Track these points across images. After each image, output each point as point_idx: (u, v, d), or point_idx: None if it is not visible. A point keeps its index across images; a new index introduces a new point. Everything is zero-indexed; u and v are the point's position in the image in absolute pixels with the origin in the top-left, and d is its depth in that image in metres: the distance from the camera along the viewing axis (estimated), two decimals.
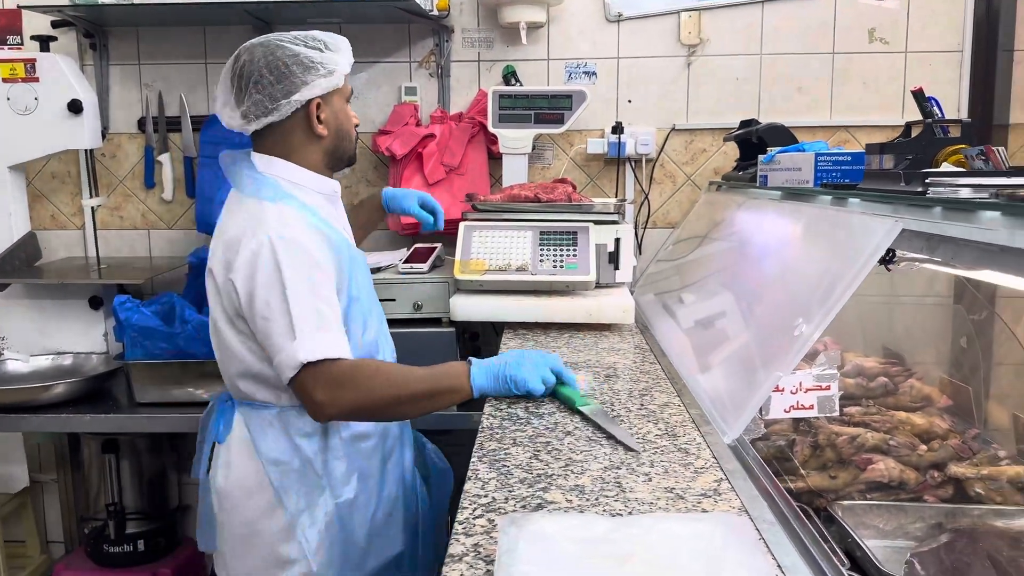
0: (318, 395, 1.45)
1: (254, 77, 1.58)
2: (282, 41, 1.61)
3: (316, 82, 1.61)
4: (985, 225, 1.08)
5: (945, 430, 1.81)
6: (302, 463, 1.61)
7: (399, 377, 1.51)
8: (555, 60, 2.95)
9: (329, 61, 1.62)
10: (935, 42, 2.87)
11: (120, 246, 3.11)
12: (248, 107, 1.60)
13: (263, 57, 1.59)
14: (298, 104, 1.61)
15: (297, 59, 1.59)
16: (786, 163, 1.93)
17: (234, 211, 1.62)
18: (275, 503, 1.61)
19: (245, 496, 1.63)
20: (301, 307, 1.45)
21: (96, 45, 2.98)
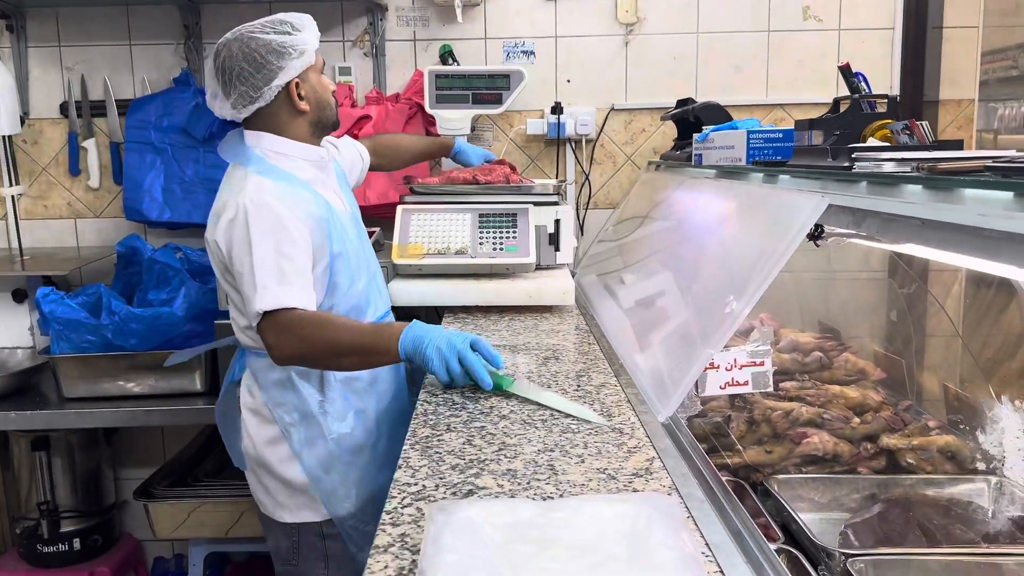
0: (269, 339, 1.61)
1: (235, 70, 1.71)
2: (253, 32, 1.73)
3: (291, 65, 1.73)
4: (907, 199, 1.08)
5: (878, 402, 1.84)
6: (301, 402, 1.76)
7: (339, 332, 1.63)
8: (492, 39, 2.91)
9: (299, 42, 1.74)
10: (867, 19, 2.91)
11: (46, 236, 3.00)
12: (235, 98, 1.74)
13: (240, 51, 1.71)
14: (279, 88, 1.74)
15: (270, 47, 1.71)
16: (720, 141, 1.94)
17: (225, 184, 1.78)
18: (280, 436, 1.77)
19: (256, 429, 1.80)
20: (264, 264, 1.61)
21: (13, 27, 2.85)
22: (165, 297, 2.38)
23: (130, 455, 3.11)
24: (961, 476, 1.61)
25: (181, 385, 2.39)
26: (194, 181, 2.79)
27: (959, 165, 1.01)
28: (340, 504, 1.77)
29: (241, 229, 1.64)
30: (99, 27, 2.89)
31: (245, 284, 1.63)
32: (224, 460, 2.78)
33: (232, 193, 1.70)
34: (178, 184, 2.80)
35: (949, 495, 1.59)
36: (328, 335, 1.61)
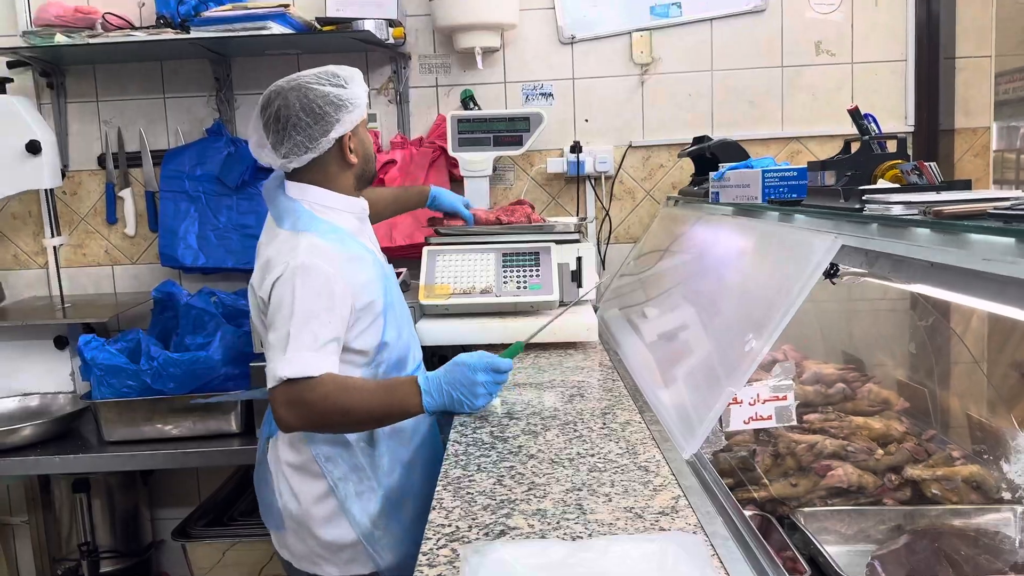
0: (279, 409, 1.60)
1: (292, 120, 1.71)
2: (311, 83, 1.74)
3: (347, 118, 1.75)
4: (916, 242, 1.13)
5: (902, 433, 1.86)
6: (351, 456, 1.76)
7: (346, 403, 1.62)
8: (512, 83, 3.00)
9: (354, 96, 1.76)
10: (879, 52, 2.96)
11: (85, 283, 3.10)
12: (288, 148, 1.74)
13: (297, 100, 1.71)
14: (334, 140, 1.75)
15: (328, 99, 1.73)
16: (736, 180, 1.99)
17: (271, 238, 1.76)
18: (328, 491, 1.75)
19: (301, 485, 1.77)
20: (299, 327, 1.59)
21: (53, 84, 2.98)
22: (201, 341, 2.46)
23: (167, 496, 3.18)
24: (987, 506, 1.62)
25: (217, 427, 2.45)
26: (227, 227, 2.89)
27: (962, 209, 1.05)
28: (388, 554, 1.77)
29: (286, 290, 1.62)
30: (134, 82, 3.02)
31: (274, 342, 1.61)
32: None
33: (281, 252, 1.67)
34: (212, 231, 2.90)
35: (976, 525, 1.60)
36: (339, 405, 1.61)
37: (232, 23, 2.55)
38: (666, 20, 2.95)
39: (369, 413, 1.66)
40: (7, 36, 2.93)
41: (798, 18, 2.95)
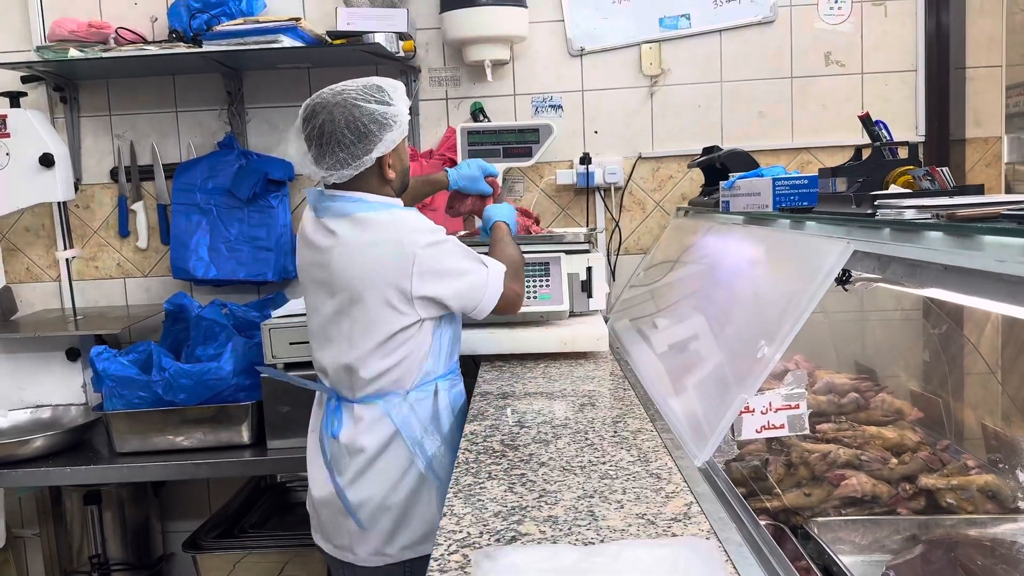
0: (518, 287, 1.93)
1: (336, 136, 1.75)
2: (357, 100, 1.76)
3: (389, 137, 1.78)
4: (929, 245, 1.12)
5: (916, 442, 1.84)
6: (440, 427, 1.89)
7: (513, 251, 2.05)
8: (521, 95, 3.01)
9: (398, 113, 1.80)
10: (889, 63, 2.96)
11: (96, 296, 3.12)
12: (330, 163, 1.77)
13: (343, 117, 1.74)
14: (375, 159, 1.79)
15: (373, 117, 1.76)
16: (746, 188, 1.99)
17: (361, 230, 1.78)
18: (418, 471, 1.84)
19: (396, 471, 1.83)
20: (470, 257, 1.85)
21: (66, 98, 3.01)
22: (212, 352, 2.46)
23: (177, 508, 3.18)
24: (1003, 516, 1.60)
25: (229, 438, 2.45)
26: (239, 240, 2.91)
27: (976, 212, 1.05)
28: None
29: (443, 251, 1.78)
30: (147, 96, 3.04)
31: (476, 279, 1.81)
32: (269, 511, 2.84)
33: (399, 231, 1.77)
34: (223, 243, 2.91)
35: (992, 535, 1.59)
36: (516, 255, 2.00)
37: (244, 37, 2.58)
38: (675, 32, 2.96)
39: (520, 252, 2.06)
40: (21, 51, 2.96)
41: (807, 29, 2.95)
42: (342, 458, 1.84)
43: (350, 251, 1.78)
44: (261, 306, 2.85)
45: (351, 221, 1.79)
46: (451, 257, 1.81)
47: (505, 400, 1.90)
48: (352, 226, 1.79)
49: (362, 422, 1.83)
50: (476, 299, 1.84)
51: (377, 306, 1.76)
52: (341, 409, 1.87)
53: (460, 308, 1.86)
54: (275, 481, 2.98)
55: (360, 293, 1.77)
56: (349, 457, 1.84)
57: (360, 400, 1.84)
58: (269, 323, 2.35)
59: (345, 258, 1.78)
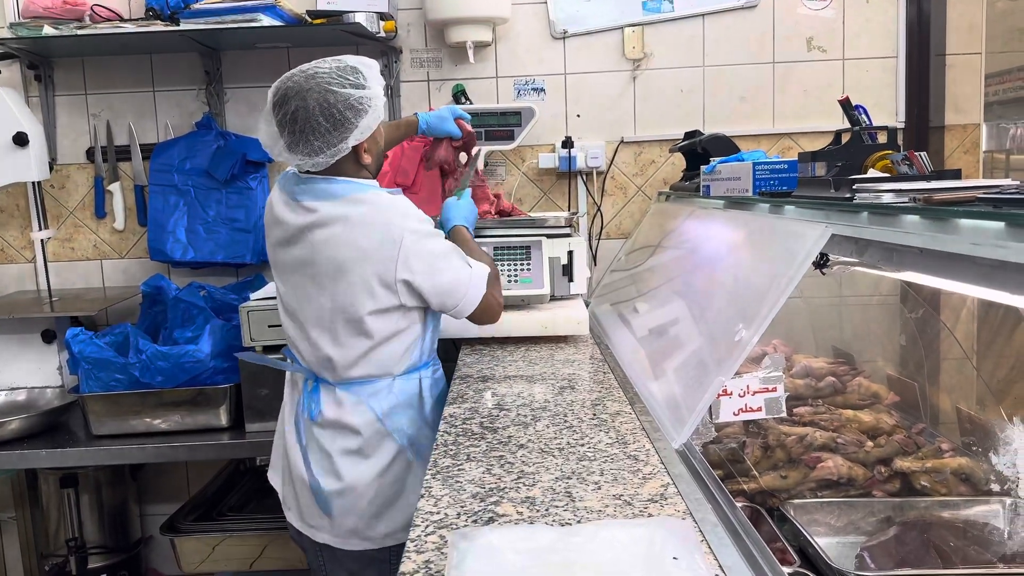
0: (496, 298, 1.86)
1: (311, 124, 1.66)
2: (331, 85, 1.67)
3: (365, 123, 1.71)
4: (906, 229, 1.13)
5: (891, 426, 1.86)
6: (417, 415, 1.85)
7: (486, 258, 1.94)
8: (504, 78, 2.99)
9: (373, 96, 1.71)
10: (870, 49, 2.97)
11: (73, 278, 3.08)
12: (306, 151, 1.70)
13: (317, 103, 1.65)
14: (352, 144, 1.72)
15: (348, 103, 1.67)
16: (727, 173, 1.99)
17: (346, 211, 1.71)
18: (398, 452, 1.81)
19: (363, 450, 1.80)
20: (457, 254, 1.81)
21: (41, 76, 2.96)
22: (190, 335, 2.44)
23: (155, 491, 3.16)
24: (976, 498, 1.63)
25: (206, 421, 2.44)
26: (217, 221, 2.88)
27: (953, 196, 1.05)
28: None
29: (431, 243, 1.74)
30: (123, 75, 3.00)
31: (461, 277, 1.76)
32: (248, 494, 2.83)
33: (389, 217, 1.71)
34: (201, 224, 2.88)
35: (965, 517, 1.61)
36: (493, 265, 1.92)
37: (222, 15, 2.54)
38: (658, 15, 2.95)
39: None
40: None
41: (789, 14, 2.96)
42: (321, 441, 1.81)
43: (333, 231, 1.71)
44: (239, 288, 2.83)
45: (334, 202, 1.72)
46: (437, 249, 1.76)
47: (485, 383, 1.90)
48: (335, 206, 1.72)
49: (344, 406, 1.79)
50: (457, 297, 1.78)
51: (360, 287, 1.71)
52: (319, 391, 1.83)
53: (439, 305, 1.79)
54: (254, 464, 2.96)
55: (343, 274, 1.71)
56: (330, 441, 1.80)
57: (343, 384, 1.80)
58: (247, 305, 2.33)
59: (327, 238, 1.71)
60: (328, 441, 1.80)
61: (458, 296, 1.78)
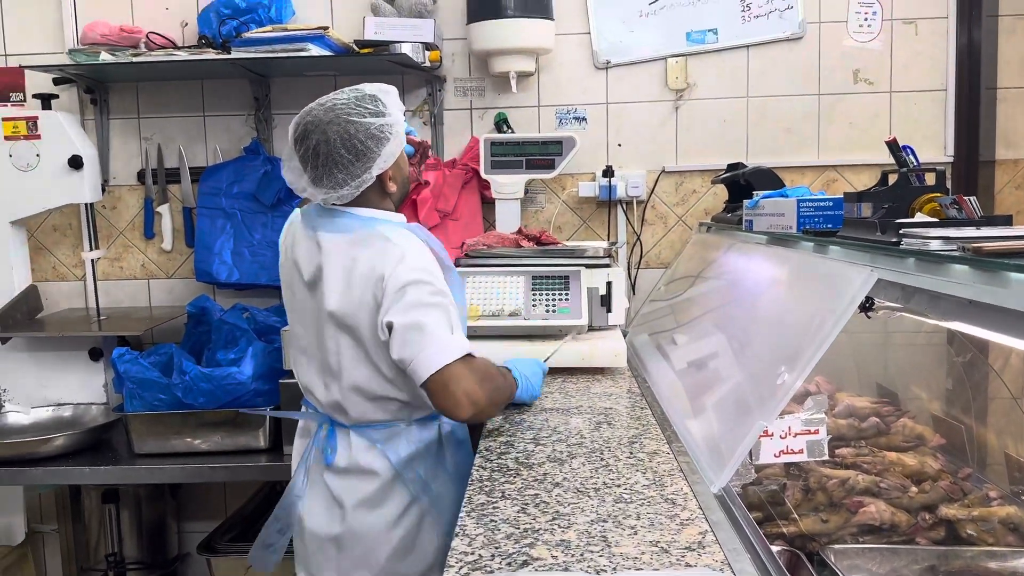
0: (469, 384, 1.56)
1: (333, 157, 1.65)
2: (350, 115, 1.66)
3: (386, 151, 1.69)
4: (954, 278, 1.10)
5: (937, 470, 1.82)
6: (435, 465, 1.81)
7: (504, 378, 1.80)
8: (546, 107, 3.01)
9: (393, 123, 1.70)
10: (919, 82, 2.93)
11: (120, 296, 3.15)
12: (329, 184, 1.68)
13: (338, 136, 1.64)
14: (375, 176, 1.70)
15: (369, 132, 1.66)
16: (770, 208, 1.97)
17: (354, 248, 1.68)
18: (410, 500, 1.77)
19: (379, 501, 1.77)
20: (452, 314, 1.65)
21: (97, 100, 3.05)
22: (233, 357, 2.47)
23: (194, 508, 3.21)
24: None
25: (246, 442, 2.47)
26: (262, 244, 2.93)
27: (1004, 246, 1.03)
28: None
29: (422, 290, 1.60)
30: (175, 99, 3.08)
31: (431, 331, 1.57)
32: None
33: (386, 259, 1.63)
34: (246, 247, 2.94)
35: (1012, 569, 1.56)
36: (504, 385, 1.75)
37: (272, 44, 2.60)
38: (702, 46, 2.95)
39: (509, 390, 1.81)
40: (54, 53, 3.01)
41: (836, 46, 2.93)
42: (333, 489, 1.76)
43: (339, 280, 1.67)
44: (282, 311, 2.85)
45: (347, 240, 1.69)
46: (421, 297, 1.61)
47: (521, 415, 1.89)
48: (346, 248, 1.68)
49: (359, 451, 1.75)
50: (414, 350, 1.58)
51: (369, 334, 1.66)
52: (335, 435, 1.78)
53: (398, 354, 1.60)
54: None
55: (352, 317, 1.67)
56: (342, 488, 1.76)
57: (358, 428, 1.76)
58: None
59: (338, 279, 1.68)
60: (341, 489, 1.76)
61: (415, 349, 1.57)
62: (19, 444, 2.48)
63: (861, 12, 2.91)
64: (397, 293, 1.60)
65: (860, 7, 2.90)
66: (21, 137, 2.71)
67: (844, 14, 2.92)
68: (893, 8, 2.91)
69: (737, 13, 2.93)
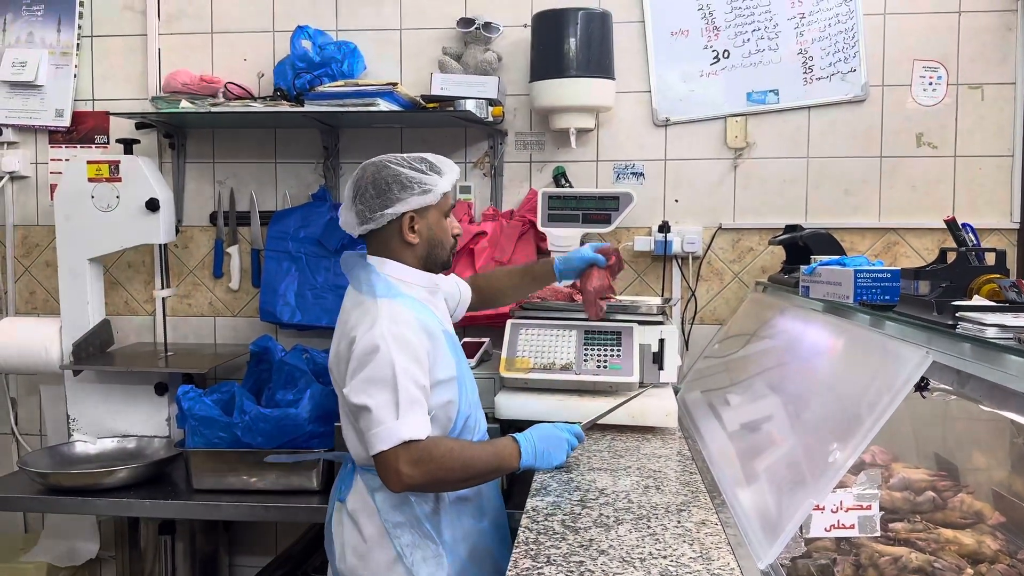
0: (404, 468, 1.67)
1: (360, 190, 1.87)
2: (390, 162, 1.88)
3: (410, 199, 1.86)
4: (1010, 370, 1.10)
5: (994, 551, 1.77)
6: (418, 524, 1.84)
7: (466, 457, 1.76)
8: (604, 162, 3.06)
9: (428, 181, 1.87)
10: (984, 147, 2.89)
11: (187, 332, 3.27)
12: (351, 214, 1.91)
13: (372, 175, 1.87)
14: (392, 216, 1.87)
15: (398, 179, 1.85)
16: (827, 276, 1.97)
17: (354, 308, 1.85)
18: (396, 558, 1.82)
19: (368, 550, 1.85)
20: (403, 394, 1.69)
21: (175, 145, 3.20)
22: (292, 398, 2.54)
23: (246, 543, 3.28)
24: None
25: (299, 483, 2.52)
26: (324, 287, 3.02)
27: None
28: None
29: (384, 357, 1.70)
30: (249, 146, 3.21)
31: (379, 408, 1.68)
32: None
33: (365, 320, 1.77)
34: (310, 290, 3.03)
35: None
36: (461, 459, 1.74)
37: (343, 99, 2.70)
38: (763, 106, 2.97)
39: (484, 465, 1.79)
40: (138, 99, 3.18)
41: (899, 109, 2.92)
42: (344, 526, 1.91)
43: (343, 322, 1.88)
44: None
45: (357, 296, 1.87)
46: (377, 373, 1.71)
47: (569, 473, 1.90)
48: (355, 306, 1.85)
49: (358, 494, 1.89)
50: (362, 428, 1.74)
51: None
52: (353, 474, 1.93)
53: (355, 422, 1.80)
54: None
55: (336, 372, 1.87)
56: (347, 527, 1.90)
57: (363, 470, 1.89)
58: None
59: (340, 330, 1.88)
60: (343, 526, 1.90)
61: (363, 426, 1.72)
62: (85, 475, 2.58)
63: (926, 76, 2.89)
64: (357, 363, 1.73)
65: (925, 71, 2.89)
66: (103, 179, 2.86)
67: (908, 78, 2.91)
68: (959, 72, 2.89)
69: (799, 75, 2.94)
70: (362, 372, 1.72)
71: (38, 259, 3.32)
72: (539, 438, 1.86)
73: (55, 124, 3.24)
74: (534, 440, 1.85)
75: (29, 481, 2.60)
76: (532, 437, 1.86)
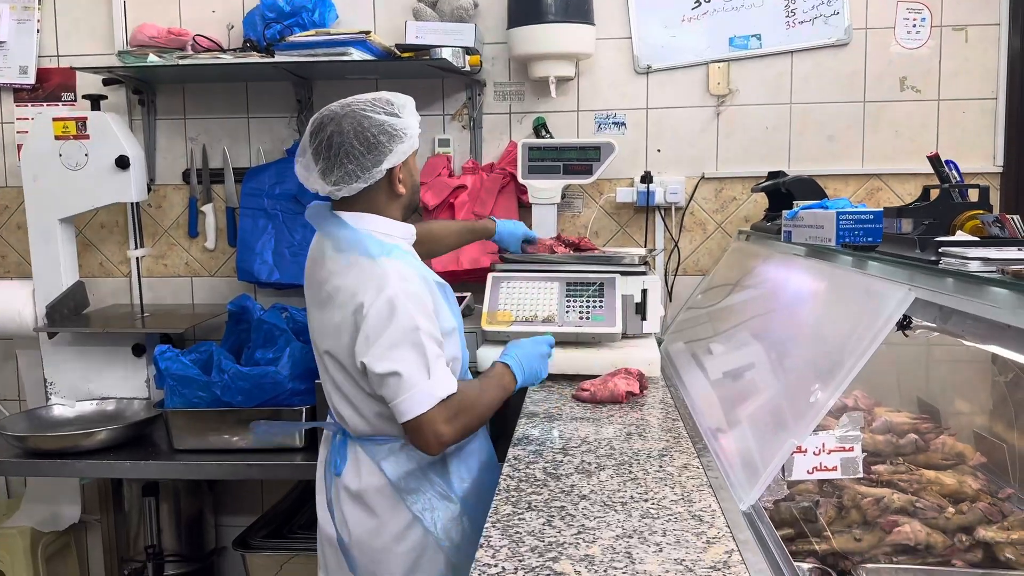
0: (442, 427, 1.63)
1: (345, 147, 1.68)
2: (365, 110, 1.71)
3: (399, 148, 1.72)
4: (992, 302, 1.08)
5: (976, 491, 1.78)
6: (430, 484, 1.80)
7: (486, 399, 1.76)
8: (585, 111, 3.00)
9: (407, 126, 1.74)
10: (968, 90, 2.86)
11: (164, 293, 3.22)
12: (339, 176, 1.70)
13: (352, 128, 1.68)
14: (385, 170, 1.73)
15: (383, 128, 1.70)
16: (809, 220, 1.94)
17: (342, 271, 1.70)
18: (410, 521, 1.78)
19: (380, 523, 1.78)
20: (432, 350, 1.63)
21: (144, 101, 3.12)
22: (271, 356, 2.51)
23: (231, 503, 3.27)
24: None
25: (281, 440, 2.51)
26: (302, 245, 2.97)
27: None
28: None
29: (400, 325, 1.60)
30: (220, 101, 3.13)
31: (408, 379, 1.59)
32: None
33: (370, 280, 1.64)
34: (287, 248, 2.98)
35: None
36: (482, 402, 1.73)
37: (315, 48, 2.63)
38: (745, 52, 2.92)
39: (497, 401, 1.78)
40: (104, 55, 3.09)
41: (883, 53, 2.87)
42: (344, 498, 1.80)
43: (335, 288, 1.70)
44: None
45: (345, 258, 1.70)
46: (398, 336, 1.61)
47: (551, 423, 1.89)
48: (347, 269, 1.69)
49: (361, 465, 1.78)
50: (390, 396, 1.63)
51: (351, 359, 1.69)
52: (346, 445, 1.82)
53: (378, 392, 1.67)
54: None
55: (333, 342, 1.71)
56: (349, 499, 1.79)
57: (362, 440, 1.79)
58: None
59: (328, 295, 1.72)
60: (346, 499, 1.80)
61: (391, 393, 1.62)
62: (64, 437, 2.55)
63: (909, 18, 2.85)
64: (374, 330, 1.62)
65: (908, 13, 2.84)
66: (71, 137, 2.78)
67: (892, 20, 2.86)
68: (943, 14, 2.84)
69: (781, 19, 2.89)
70: (382, 338, 1.61)
71: (8, 221, 3.24)
72: (524, 358, 1.86)
73: (19, 82, 3.14)
74: (522, 363, 1.85)
75: (7, 445, 2.57)
76: (519, 359, 1.85)
